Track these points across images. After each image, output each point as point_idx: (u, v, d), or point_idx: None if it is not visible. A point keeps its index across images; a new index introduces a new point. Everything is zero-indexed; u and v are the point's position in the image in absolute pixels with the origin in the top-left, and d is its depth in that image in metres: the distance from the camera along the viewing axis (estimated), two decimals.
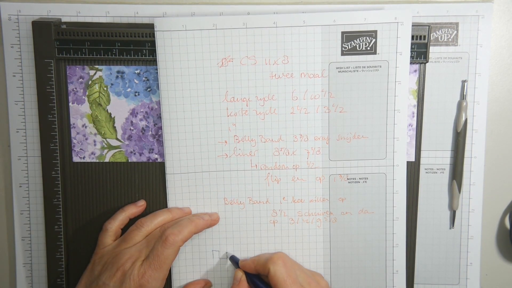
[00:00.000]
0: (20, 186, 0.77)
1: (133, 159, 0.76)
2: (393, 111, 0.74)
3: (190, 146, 0.74)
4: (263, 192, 0.76)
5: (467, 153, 0.77)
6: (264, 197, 0.76)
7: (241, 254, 0.77)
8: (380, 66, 0.73)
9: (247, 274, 0.74)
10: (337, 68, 0.73)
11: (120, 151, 0.76)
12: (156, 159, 0.76)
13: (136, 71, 0.74)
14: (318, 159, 0.75)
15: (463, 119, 0.75)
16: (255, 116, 0.74)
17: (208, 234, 0.76)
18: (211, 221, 0.75)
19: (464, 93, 0.76)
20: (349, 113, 0.74)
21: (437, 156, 0.77)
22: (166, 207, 0.76)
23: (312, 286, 0.71)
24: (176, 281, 0.77)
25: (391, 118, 0.74)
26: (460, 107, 0.76)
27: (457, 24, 0.75)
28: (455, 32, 0.75)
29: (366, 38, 0.72)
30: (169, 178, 0.75)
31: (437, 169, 0.77)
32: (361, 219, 0.76)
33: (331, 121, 0.74)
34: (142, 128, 0.75)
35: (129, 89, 0.75)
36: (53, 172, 0.75)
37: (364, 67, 0.73)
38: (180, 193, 0.76)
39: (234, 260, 0.76)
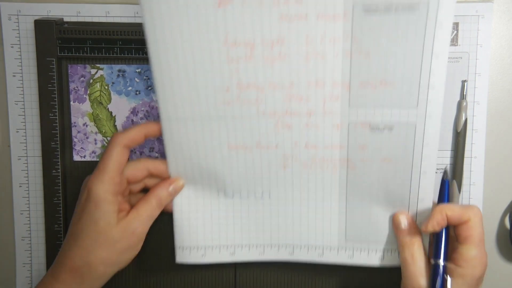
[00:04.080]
0: (20, 186, 0.77)
1: (134, 158, 0.76)
2: (430, 55, 0.63)
3: (186, 92, 0.67)
4: (272, 137, 0.68)
5: (467, 153, 0.77)
6: (273, 142, 0.69)
7: (248, 195, 0.72)
8: (418, 5, 0.62)
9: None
10: (363, 7, 0.63)
11: None
12: (157, 158, 0.76)
13: (137, 70, 0.74)
14: (336, 105, 0.67)
15: (463, 119, 0.76)
16: (261, 61, 0.65)
17: (212, 179, 0.71)
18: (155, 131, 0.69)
19: (464, 93, 0.76)
20: (376, 57, 0.64)
21: (437, 156, 0.77)
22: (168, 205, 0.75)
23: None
24: (179, 228, 0.72)
25: (427, 64, 0.64)
26: (460, 107, 0.76)
27: (457, 24, 0.75)
28: (455, 32, 0.75)
29: None
30: (165, 126, 0.68)
31: (437, 169, 0.77)
32: (382, 168, 0.69)
33: (353, 66, 0.65)
34: None
35: (130, 88, 0.75)
36: (54, 171, 0.75)
37: (398, 6, 0.62)
38: (178, 139, 0.69)
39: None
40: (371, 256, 0.72)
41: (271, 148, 0.69)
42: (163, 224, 0.75)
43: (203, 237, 0.73)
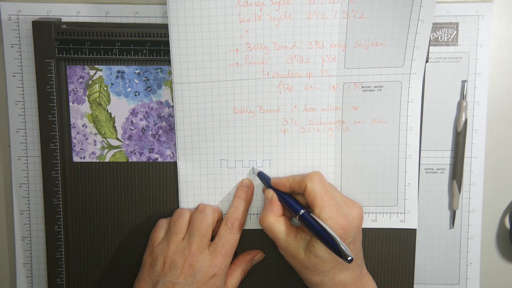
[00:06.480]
0: (20, 186, 0.77)
1: (133, 159, 0.76)
2: (416, 20, 0.70)
3: (199, 55, 0.71)
4: (274, 100, 0.73)
5: (467, 153, 0.77)
6: (275, 106, 0.73)
7: (250, 164, 0.76)
8: None
9: (278, 193, 0.72)
10: None
11: (120, 151, 0.76)
12: (156, 158, 0.76)
13: (136, 71, 0.74)
14: (333, 66, 0.72)
15: (463, 119, 0.75)
16: (269, 21, 0.70)
17: (217, 143, 0.75)
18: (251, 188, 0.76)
19: (464, 93, 0.76)
20: (369, 19, 0.70)
21: (437, 156, 0.77)
22: (168, 206, 0.76)
23: (349, 205, 0.70)
24: (183, 190, 0.76)
25: (414, 27, 0.70)
26: (460, 107, 0.76)
27: (457, 24, 0.75)
28: (455, 32, 0.75)
29: None
30: (177, 88, 0.72)
31: (437, 169, 0.77)
32: (374, 129, 0.74)
33: (349, 27, 0.70)
34: (142, 128, 0.75)
35: (129, 89, 0.75)
36: (53, 172, 0.75)
37: None
38: (188, 103, 0.73)
39: (263, 177, 0.74)
40: (365, 219, 0.76)
41: (273, 112, 0.74)
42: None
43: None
